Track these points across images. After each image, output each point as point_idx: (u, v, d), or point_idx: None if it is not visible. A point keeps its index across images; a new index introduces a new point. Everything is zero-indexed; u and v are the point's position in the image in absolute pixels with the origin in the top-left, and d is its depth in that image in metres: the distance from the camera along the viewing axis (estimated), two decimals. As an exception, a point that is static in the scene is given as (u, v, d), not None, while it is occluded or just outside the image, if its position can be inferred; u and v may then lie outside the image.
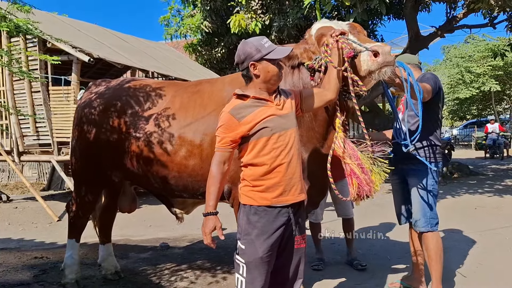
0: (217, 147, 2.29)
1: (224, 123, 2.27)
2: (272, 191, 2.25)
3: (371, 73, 2.47)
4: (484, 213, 6.69)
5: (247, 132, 2.23)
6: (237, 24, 9.11)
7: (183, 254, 4.87)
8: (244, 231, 2.29)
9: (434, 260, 3.24)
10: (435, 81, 3.22)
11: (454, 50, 29.23)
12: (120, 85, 3.63)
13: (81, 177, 3.73)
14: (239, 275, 2.30)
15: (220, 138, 2.28)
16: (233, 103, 2.31)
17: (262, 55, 2.24)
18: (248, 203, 2.29)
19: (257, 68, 2.26)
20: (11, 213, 7.87)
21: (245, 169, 2.31)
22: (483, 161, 16.17)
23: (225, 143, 2.26)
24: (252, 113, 2.24)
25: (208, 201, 2.24)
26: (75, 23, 10.50)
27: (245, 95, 2.30)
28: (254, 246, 2.25)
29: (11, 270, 4.27)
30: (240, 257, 2.30)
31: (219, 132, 2.29)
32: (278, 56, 2.27)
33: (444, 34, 11.00)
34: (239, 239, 2.30)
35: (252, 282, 2.26)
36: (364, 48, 2.45)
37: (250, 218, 2.27)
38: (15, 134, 8.36)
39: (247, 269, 2.27)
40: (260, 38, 2.33)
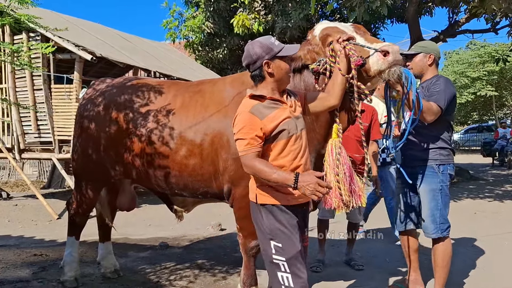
0: (244, 151, 2.18)
1: (246, 123, 2.19)
2: (290, 192, 2.24)
3: (381, 73, 2.48)
4: (484, 218, 6.69)
5: (270, 131, 2.20)
6: (240, 24, 9.14)
7: (182, 254, 4.87)
8: (275, 229, 2.25)
9: (440, 266, 3.22)
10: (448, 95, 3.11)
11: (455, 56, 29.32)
12: (122, 84, 3.64)
13: (82, 174, 3.74)
14: (283, 272, 2.25)
15: (246, 140, 2.17)
16: (250, 103, 2.26)
17: (275, 52, 2.23)
18: (270, 203, 2.26)
19: (271, 66, 2.24)
20: (11, 211, 7.86)
21: None
22: (484, 166, 16.14)
23: (253, 142, 2.17)
24: (271, 114, 2.22)
25: (283, 177, 2.11)
26: (78, 22, 10.52)
27: (261, 96, 2.26)
28: (292, 240, 2.24)
29: (10, 267, 4.28)
30: (278, 256, 2.25)
31: (242, 134, 2.18)
32: (290, 53, 2.26)
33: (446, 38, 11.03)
34: (272, 239, 2.25)
35: (297, 274, 2.24)
36: (373, 50, 2.45)
37: (277, 215, 2.25)
38: (17, 131, 8.37)
39: (289, 264, 2.23)
40: (268, 37, 2.32)
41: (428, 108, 2.97)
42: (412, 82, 2.81)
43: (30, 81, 8.08)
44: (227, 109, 3.06)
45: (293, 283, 2.23)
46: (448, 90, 3.13)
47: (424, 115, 2.97)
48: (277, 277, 2.27)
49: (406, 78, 2.78)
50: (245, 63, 2.34)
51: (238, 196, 3.00)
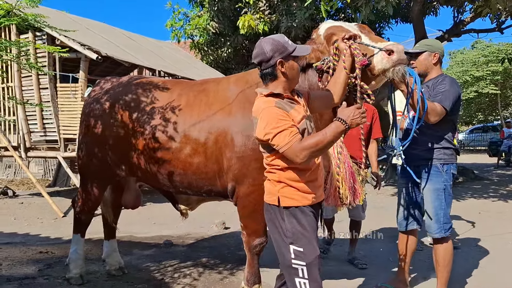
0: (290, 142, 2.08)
1: (279, 116, 2.11)
2: (312, 191, 2.25)
3: (385, 72, 2.49)
4: (488, 218, 6.68)
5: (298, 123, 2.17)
6: (246, 25, 9.15)
7: (186, 252, 4.90)
8: (297, 233, 2.22)
9: (442, 266, 3.23)
10: (453, 95, 3.12)
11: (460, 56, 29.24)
12: (127, 83, 3.68)
13: (87, 172, 3.77)
14: (301, 278, 2.21)
15: (287, 131, 2.08)
16: (271, 100, 2.19)
17: (289, 52, 2.21)
18: (293, 205, 2.23)
19: (285, 66, 2.22)
20: (17, 209, 7.94)
21: (282, 172, 2.23)
22: (489, 166, 16.06)
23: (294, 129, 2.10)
24: (292, 110, 2.21)
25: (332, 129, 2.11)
26: (84, 21, 10.57)
27: (279, 94, 2.23)
28: (313, 245, 2.23)
29: (17, 264, 4.32)
30: (299, 261, 2.21)
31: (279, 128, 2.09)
32: (303, 53, 2.25)
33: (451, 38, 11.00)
34: (292, 244, 2.22)
35: (316, 279, 2.22)
36: (378, 49, 2.47)
37: (300, 219, 2.23)
38: (23, 130, 8.44)
39: (308, 269, 2.21)
40: (281, 36, 2.29)
41: (433, 109, 2.98)
42: (416, 82, 2.82)
43: (36, 80, 8.14)
44: (231, 108, 3.08)
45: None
46: (453, 90, 3.12)
47: (428, 116, 2.98)
48: (295, 282, 2.24)
49: (411, 77, 2.79)
50: (257, 60, 2.28)
51: (242, 195, 3.02)
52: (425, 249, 4.72)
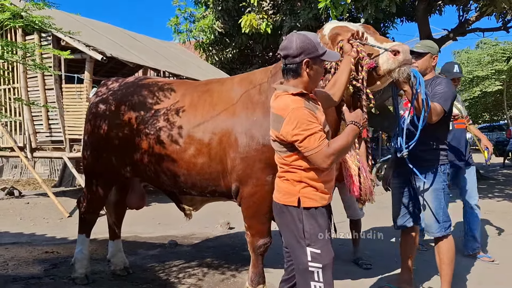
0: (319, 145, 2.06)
1: (309, 118, 2.08)
2: (328, 191, 2.26)
3: (391, 72, 2.49)
4: (493, 218, 6.64)
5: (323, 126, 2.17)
6: (248, 24, 9.14)
7: (191, 252, 4.91)
8: (315, 235, 2.20)
9: (446, 264, 3.24)
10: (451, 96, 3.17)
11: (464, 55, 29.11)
12: (132, 83, 3.69)
13: (92, 172, 3.79)
14: (316, 282, 2.18)
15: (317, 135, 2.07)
16: (299, 100, 2.14)
17: (319, 54, 2.16)
18: (313, 205, 2.21)
19: (311, 67, 2.17)
20: (23, 209, 7.98)
21: (303, 172, 2.20)
22: (495, 165, 15.96)
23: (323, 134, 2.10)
24: (317, 111, 2.20)
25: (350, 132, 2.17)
26: (89, 22, 10.62)
27: (303, 94, 2.18)
28: (329, 246, 2.23)
29: (23, 264, 4.35)
30: (315, 263, 2.19)
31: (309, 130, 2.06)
32: (331, 59, 2.23)
33: (456, 37, 10.94)
34: (309, 246, 2.19)
35: (330, 282, 2.21)
36: (384, 49, 2.46)
37: (319, 220, 2.21)
38: (28, 130, 8.48)
39: (323, 271, 2.18)
40: (316, 35, 2.23)
41: (433, 108, 3.00)
42: (421, 83, 2.82)
43: (41, 81, 8.18)
44: (235, 108, 3.09)
45: None
46: (450, 92, 3.18)
47: (429, 116, 2.99)
48: (310, 285, 2.21)
49: (415, 78, 2.79)
50: (283, 52, 2.20)
51: (246, 195, 3.03)
52: (430, 249, 4.71)
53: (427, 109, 2.90)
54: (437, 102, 3.08)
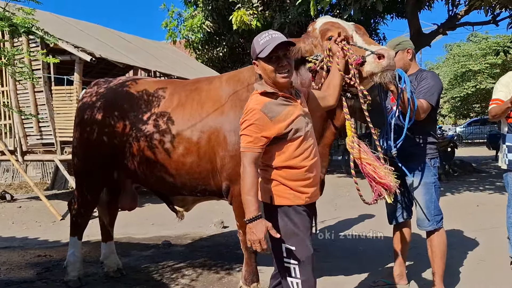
0: (247, 147, 2.12)
1: (256, 121, 2.11)
2: (306, 191, 2.22)
3: (373, 75, 2.49)
4: (486, 211, 6.70)
5: (280, 132, 2.13)
6: (239, 20, 9.13)
7: (185, 252, 4.90)
8: (289, 232, 2.18)
9: (438, 257, 3.25)
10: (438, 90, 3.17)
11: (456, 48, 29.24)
12: (119, 84, 3.67)
13: (82, 175, 3.76)
14: (293, 278, 2.19)
15: (251, 138, 2.11)
16: (261, 100, 2.17)
17: (257, 54, 2.16)
18: (286, 204, 2.20)
19: (258, 67, 2.21)
20: (15, 212, 7.92)
21: (276, 171, 2.20)
22: (487, 158, 16.08)
23: (257, 142, 2.11)
24: (283, 112, 2.15)
25: (249, 206, 2.08)
26: (77, 23, 10.54)
27: (273, 93, 2.19)
28: (305, 243, 2.20)
29: (15, 268, 4.31)
30: (291, 259, 2.19)
31: (249, 131, 2.12)
32: (264, 54, 2.12)
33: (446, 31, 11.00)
34: (284, 242, 2.18)
35: (308, 280, 2.18)
36: (370, 51, 2.47)
37: (293, 218, 2.19)
38: (19, 133, 8.42)
39: (300, 269, 2.18)
40: (263, 32, 2.23)
41: (420, 106, 3.02)
42: (406, 82, 2.83)
43: (31, 83, 8.10)
44: (223, 106, 3.08)
45: None
46: (436, 86, 3.17)
47: (417, 114, 3.00)
48: (287, 281, 2.22)
49: (400, 78, 2.80)
50: None
51: (237, 194, 3.01)
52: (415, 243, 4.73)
53: (413, 108, 2.91)
54: (423, 98, 3.09)
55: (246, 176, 2.11)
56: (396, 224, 3.53)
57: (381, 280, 3.63)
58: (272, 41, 2.12)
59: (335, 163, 14.03)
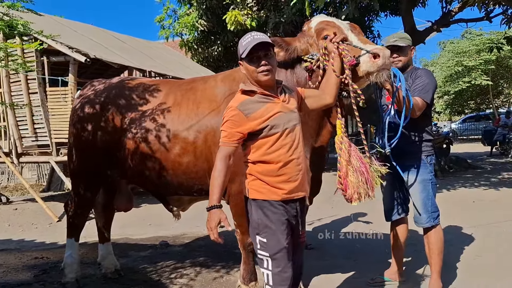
0: (222, 142, 2.25)
1: (231, 118, 2.23)
2: (282, 187, 2.24)
3: (369, 75, 2.50)
4: (482, 207, 6.73)
5: (255, 128, 2.21)
6: (233, 20, 9.13)
7: (182, 252, 4.89)
8: (261, 225, 2.26)
9: (436, 253, 3.27)
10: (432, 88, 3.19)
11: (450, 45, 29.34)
12: (115, 84, 3.66)
13: (78, 175, 3.75)
14: (264, 269, 2.26)
15: (226, 133, 2.23)
16: (239, 98, 2.28)
17: (240, 54, 2.25)
18: (260, 198, 2.26)
19: (242, 67, 2.31)
20: (11, 215, 7.89)
21: (252, 166, 2.28)
22: (482, 154, 16.15)
23: (231, 137, 2.22)
24: (260, 109, 2.22)
25: (211, 195, 2.21)
26: (71, 24, 10.50)
27: (252, 91, 2.27)
28: (277, 237, 2.23)
29: (12, 271, 4.30)
30: (262, 251, 2.26)
31: (224, 127, 2.25)
32: (245, 55, 2.21)
33: (440, 28, 11.02)
34: (258, 234, 2.27)
35: (279, 273, 2.23)
36: (365, 51, 2.47)
37: (265, 211, 2.25)
38: (14, 135, 8.37)
39: (272, 261, 2.23)
40: (246, 34, 2.30)
41: (415, 104, 3.03)
42: (401, 80, 2.84)
43: (25, 84, 8.07)
44: (219, 106, 3.08)
45: (272, 281, 2.24)
46: (431, 84, 3.20)
47: (412, 112, 3.01)
48: (261, 272, 2.29)
49: (395, 76, 2.81)
50: None
51: (233, 193, 3.02)
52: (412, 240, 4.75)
53: (409, 106, 2.93)
54: (418, 96, 3.11)
55: (215, 168, 2.23)
56: (393, 221, 3.55)
57: (379, 277, 3.65)
58: (253, 42, 2.20)
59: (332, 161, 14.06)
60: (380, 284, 3.59)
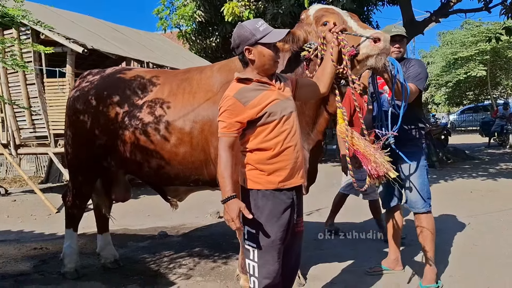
0: (222, 133, 2.22)
1: (229, 107, 2.19)
2: (278, 175, 2.22)
3: (368, 58, 2.48)
4: (480, 197, 6.76)
5: (254, 116, 2.19)
6: (230, 12, 9.06)
7: (181, 242, 4.91)
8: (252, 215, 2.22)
9: (429, 239, 3.29)
10: (425, 76, 3.27)
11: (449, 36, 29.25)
12: (110, 75, 3.65)
13: (75, 166, 3.75)
14: (250, 260, 2.25)
15: (225, 123, 2.20)
16: (235, 87, 2.24)
17: (257, 39, 2.19)
18: (255, 188, 2.24)
19: (252, 52, 2.22)
20: (10, 206, 7.89)
21: (249, 154, 2.26)
22: (480, 145, 16.19)
23: (231, 127, 2.19)
24: (257, 97, 2.20)
25: (224, 187, 2.16)
26: (68, 14, 10.43)
27: (248, 79, 2.25)
28: (265, 230, 2.21)
29: (11, 261, 4.31)
30: (250, 242, 2.25)
31: (223, 117, 2.21)
32: (272, 40, 2.21)
33: (439, 19, 10.97)
34: (247, 224, 2.24)
35: (264, 265, 2.22)
36: (365, 37, 2.47)
37: (258, 203, 2.23)
38: (12, 127, 8.35)
39: (258, 253, 2.22)
40: (255, 20, 2.27)
41: (410, 91, 3.04)
42: (398, 70, 2.85)
43: (22, 76, 8.03)
44: (216, 96, 3.06)
45: (257, 272, 2.23)
46: (423, 73, 3.27)
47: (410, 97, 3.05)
48: (246, 263, 2.28)
49: (393, 66, 2.82)
50: (231, 46, 2.33)
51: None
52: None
53: (407, 94, 2.94)
54: (412, 82, 3.16)
55: (221, 160, 2.20)
56: (388, 209, 3.59)
57: (377, 266, 3.67)
58: (273, 30, 2.22)
59: (329, 152, 14.08)
60: (378, 273, 3.61)
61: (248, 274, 2.28)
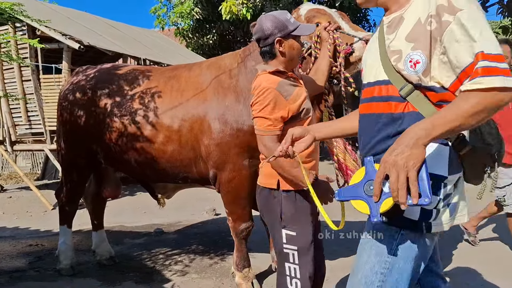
0: (266, 131, 2.05)
1: (271, 101, 2.02)
2: (312, 172, 2.16)
3: (360, 60, 2.50)
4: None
5: (296, 111, 2.08)
6: (228, 10, 9.06)
7: (177, 239, 4.92)
8: (291, 218, 2.15)
9: None
10: None
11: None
12: (99, 71, 3.65)
13: (67, 162, 3.75)
14: (291, 263, 2.16)
15: (270, 120, 2.03)
16: (274, 80, 2.08)
17: (289, 31, 2.10)
18: (294, 188, 2.15)
19: (283, 45, 2.12)
20: (5, 203, 7.88)
21: None
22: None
23: (277, 124, 2.04)
24: (294, 92, 2.10)
25: (300, 179, 2.01)
26: (64, 10, 10.39)
27: (283, 72, 2.12)
28: (306, 230, 2.17)
29: (7, 258, 4.31)
30: (290, 245, 2.16)
31: (265, 112, 2.03)
32: (305, 33, 2.14)
33: (436, 17, 10.98)
34: (284, 227, 2.15)
35: (306, 266, 2.16)
36: (358, 38, 2.48)
37: (297, 203, 2.16)
38: (7, 123, 8.32)
39: (299, 255, 2.15)
40: (284, 12, 2.18)
41: None
42: None
43: (18, 72, 7.99)
44: (205, 94, 3.04)
45: (300, 274, 2.16)
46: None
47: None
48: (284, 267, 2.19)
49: None
50: (255, 37, 2.18)
51: (224, 181, 3.01)
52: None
53: None
54: None
55: (278, 161, 1.98)
56: None
57: None
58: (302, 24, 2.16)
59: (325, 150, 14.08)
60: None
61: (288, 277, 2.18)
